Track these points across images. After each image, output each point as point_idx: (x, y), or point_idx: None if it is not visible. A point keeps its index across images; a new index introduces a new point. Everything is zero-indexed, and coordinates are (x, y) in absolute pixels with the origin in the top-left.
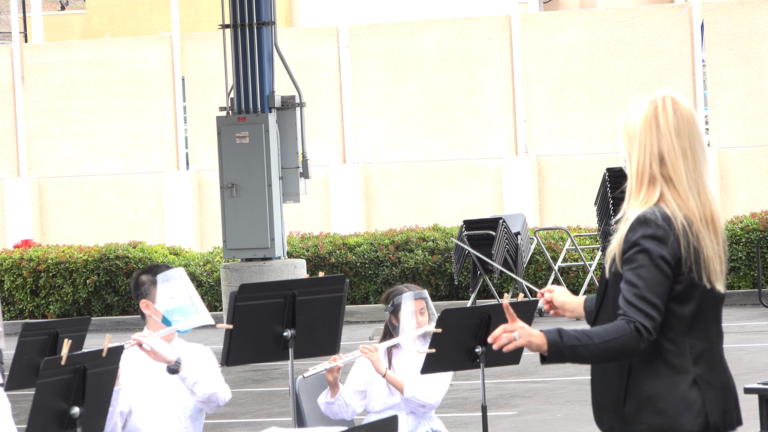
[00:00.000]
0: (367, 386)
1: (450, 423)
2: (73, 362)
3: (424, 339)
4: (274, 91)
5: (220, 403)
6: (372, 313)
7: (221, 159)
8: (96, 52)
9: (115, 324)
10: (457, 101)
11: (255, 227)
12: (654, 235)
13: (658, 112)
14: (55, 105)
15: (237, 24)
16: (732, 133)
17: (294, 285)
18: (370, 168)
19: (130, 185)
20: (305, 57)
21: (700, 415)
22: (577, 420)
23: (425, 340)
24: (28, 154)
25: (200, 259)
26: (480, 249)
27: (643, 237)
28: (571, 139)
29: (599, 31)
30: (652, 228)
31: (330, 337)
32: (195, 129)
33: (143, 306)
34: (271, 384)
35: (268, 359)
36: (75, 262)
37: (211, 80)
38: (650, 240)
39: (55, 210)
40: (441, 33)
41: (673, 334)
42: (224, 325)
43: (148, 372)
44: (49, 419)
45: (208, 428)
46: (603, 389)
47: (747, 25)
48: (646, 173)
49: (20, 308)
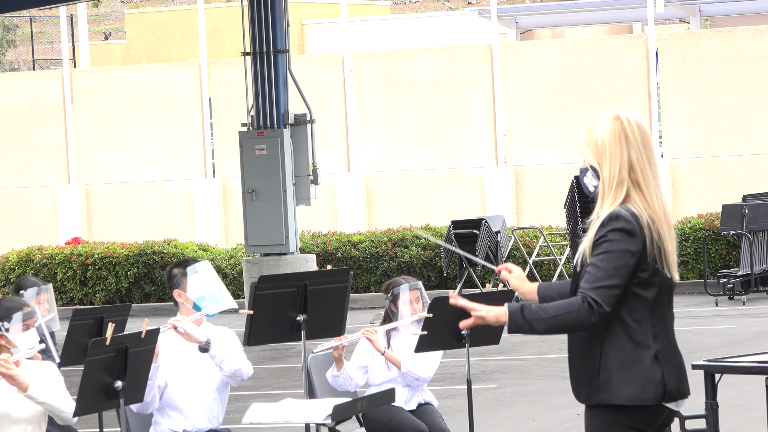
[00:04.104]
0: (368, 362)
1: (439, 394)
2: (116, 343)
3: (418, 323)
4: (288, 109)
5: (243, 378)
6: (373, 301)
7: (243, 168)
8: (135, 76)
9: (152, 310)
10: (445, 118)
11: (272, 227)
12: (623, 228)
13: (625, 126)
14: (100, 122)
15: (256, 52)
16: (682, 145)
17: (306, 276)
18: (371, 176)
19: (164, 191)
20: (315, 80)
21: (660, 385)
22: (549, 392)
23: (419, 324)
24: (77, 164)
25: (225, 254)
26: (465, 245)
27: (613, 230)
28: (544, 151)
29: (568, 58)
30: (621, 222)
31: (336, 320)
32: (220, 142)
33: (176, 295)
34: (286, 361)
35: (283, 340)
36: (118, 256)
37: (234, 100)
38: (619, 232)
39: (101, 212)
40: (432, 60)
41: (638, 315)
42: (246, 311)
43: (181, 351)
44: (96, 391)
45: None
46: (579, 365)
47: (695, 53)
48: (615, 179)
49: (71, 296)
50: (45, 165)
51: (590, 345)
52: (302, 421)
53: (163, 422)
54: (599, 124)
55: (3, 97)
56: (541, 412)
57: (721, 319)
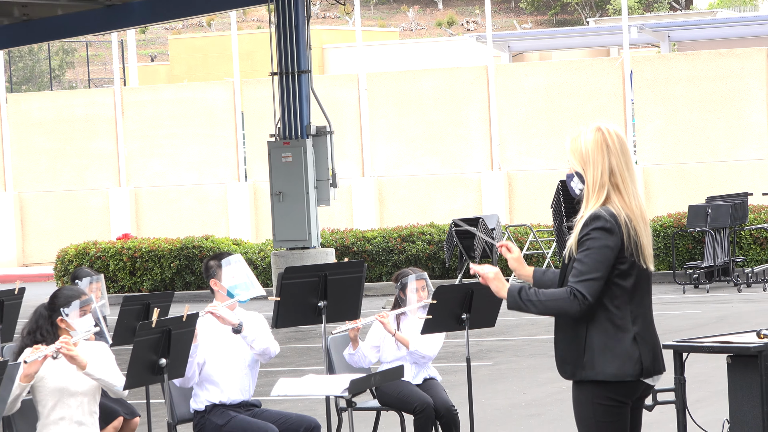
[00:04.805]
0: (380, 342)
1: (442, 370)
2: (161, 325)
3: (424, 308)
4: (310, 122)
5: (271, 355)
6: (384, 289)
7: (271, 173)
8: (177, 93)
9: (192, 297)
10: (447, 130)
11: (296, 224)
12: (603, 227)
13: (606, 137)
14: (146, 133)
15: (283, 72)
16: (654, 154)
17: (326, 268)
18: (383, 180)
19: (202, 193)
20: (334, 97)
21: (637, 363)
22: (538, 369)
23: (425, 309)
24: (127, 170)
25: (256, 248)
26: (465, 241)
27: (594, 229)
28: (533, 159)
29: (554, 78)
30: (601, 222)
31: (353, 306)
32: (251, 150)
33: (212, 284)
34: (308, 342)
35: (306, 323)
36: (162, 250)
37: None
38: (599, 231)
39: (147, 211)
40: (435, 79)
41: (618, 302)
42: (273, 298)
43: (217, 332)
44: (143, 368)
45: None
46: (565, 346)
47: (665, 73)
48: (598, 183)
49: (121, 285)
50: (99, 170)
51: (575, 328)
52: (323, 393)
53: (201, 394)
54: (583, 135)
55: (63, 111)
56: (531, 386)
57: (687, 305)
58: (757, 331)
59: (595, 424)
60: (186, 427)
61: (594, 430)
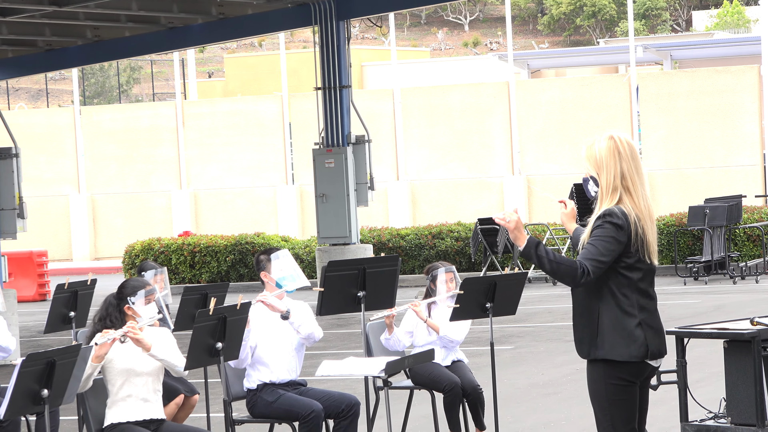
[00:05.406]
0: (413, 328)
1: (469, 354)
2: (218, 313)
3: (452, 298)
4: (350, 131)
5: (315, 340)
6: (416, 281)
7: (315, 177)
8: (232, 105)
9: (245, 288)
10: (473, 139)
11: (338, 223)
12: (614, 221)
13: (618, 145)
14: (204, 141)
15: (326, 87)
16: (658, 160)
17: (364, 261)
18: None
19: (254, 195)
20: (371, 109)
21: (643, 346)
22: (555, 352)
23: (453, 298)
24: (187, 174)
25: (302, 244)
26: (488, 237)
27: (607, 221)
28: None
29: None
30: (614, 217)
31: (388, 296)
32: (298, 157)
33: (263, 276)
34: (349, 327)
35: (347, 311)
36: (219, 246)
37: (309, 124)
38: (610, 224)
39: (205, 211)
40: (462, 93)
41: (626, 291)
42: (318, 288)
43: (268, 319)
44: (202, 351)
45: (308, 357)
46: (581, 328)
47: (667, 88)
48: (611, 186)
49: (182, 277)
50: (162, 175)
51: (590, 313)
52: (362, 374)
53: (253, 374)
54: (597, 143)
55: (130, 122)
56: (548, 367)
57: (688, 296)
58: (751, 318)
59: (607, 401)
60: (240, 403)
61: (606, 406)
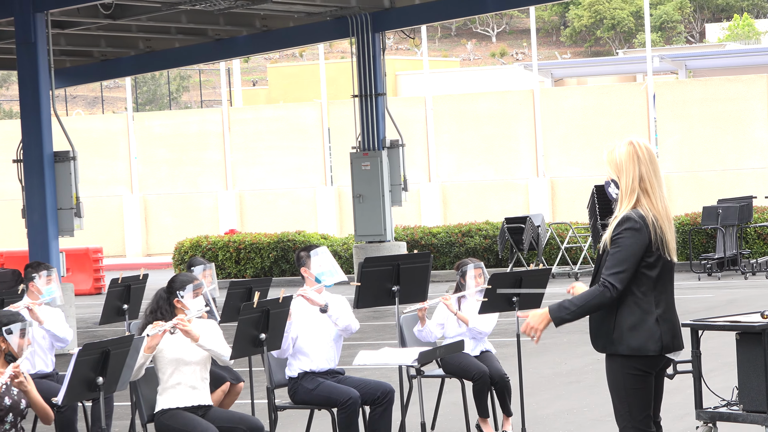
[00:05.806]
0: (444, 321)
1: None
2: (261, 306)
3: (481, 292)
4: (385, 136)
5: (352, 331)
6: (447, 276)
7: (353, 179)
8: (274, 112)
9: (287, 282)
10: (500, 143)
11: (374, 222)
12: (632, 227)
13: (637, 149)
14: (249, 145)
15: (362, 95)
16: (673, 163)
17: (399, 258)
18: (446, 185)
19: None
20: (405, 115)
21: (659, 341)
22: (577, 343)
23: (481, 293)
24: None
25: (340, 242)
26: (515, 236)
27: (625, 229)
28: (572, 167)
29: (589, 100)
30: (631, 223)
31: (421, 290)
32: (336, 160)
33: (303, 271)
34: (384, 320)
35: (382, 304)
36: (262, 243)
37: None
38: (629, 231)
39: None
40: (490, 100)
41: (644, 289)
42: (355, 283)
43: (308, 312)
44: (246, 341)
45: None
46: (597, 324)
47: (682, 96)
48: (630, 188)
49: (228, 272)
50: (209, 177)
51: (607, 309)
52: (396, 363)
53: (294, 364)
54: (617, 148)
55: (179, 127)
56: (570, 357)
57: (702, 290)
58: (762, 312)
59: (624, 391)
60: (282, 391)
61: (624, 395)
